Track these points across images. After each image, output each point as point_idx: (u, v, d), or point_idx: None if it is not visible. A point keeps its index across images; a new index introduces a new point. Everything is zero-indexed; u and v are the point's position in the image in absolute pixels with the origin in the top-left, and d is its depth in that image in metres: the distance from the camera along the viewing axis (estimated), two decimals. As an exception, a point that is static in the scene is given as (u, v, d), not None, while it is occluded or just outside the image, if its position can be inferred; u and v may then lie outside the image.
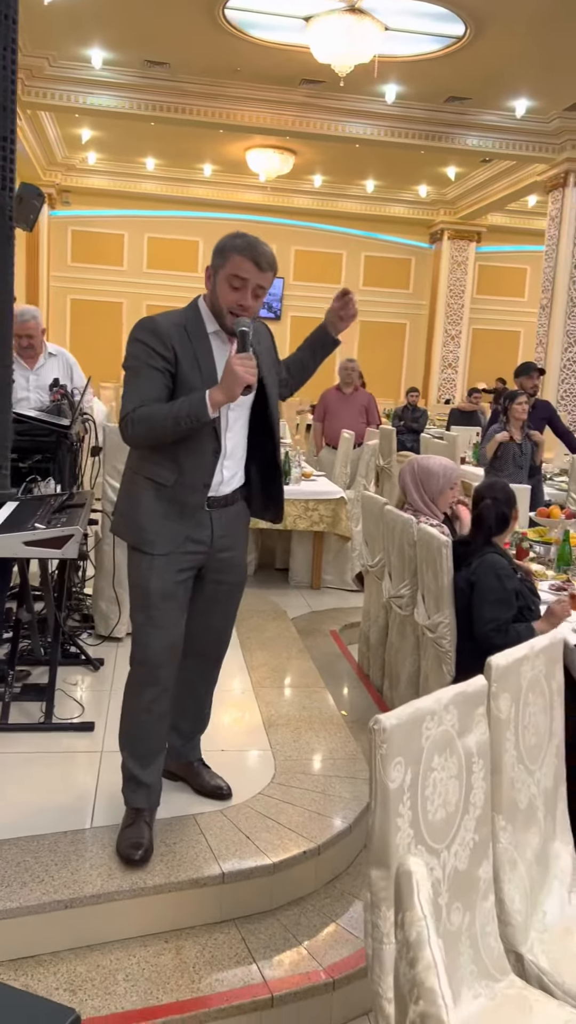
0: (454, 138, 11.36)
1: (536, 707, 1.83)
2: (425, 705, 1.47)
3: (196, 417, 2.15)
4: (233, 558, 2.46)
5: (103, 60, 9.85)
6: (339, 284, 16.21)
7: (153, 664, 2.35)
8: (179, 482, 2.30)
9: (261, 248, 2.24)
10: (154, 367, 2.22)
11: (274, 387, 2.43)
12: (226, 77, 10.24)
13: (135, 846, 2.28)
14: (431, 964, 0.81)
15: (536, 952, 1.70)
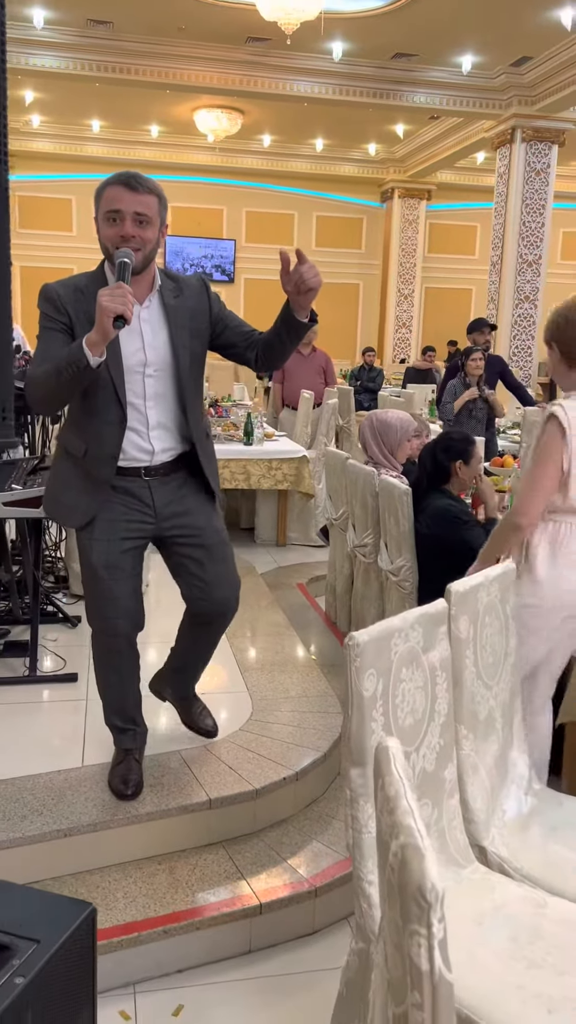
0: (402, 95, 11.40)
1: (492, 629, 2.01)
2: (394, 624, 1.64)
3: (74, 362, 2.00)
4: (192, 522, 2.39)
5: (44, 19, 9.70)
6: (291, 246, 16.20)
7: (110, 633, 2.40)
8: (88, 453, 2.26)
9: (132, 173, 2.14)
10: (53, 329, 2.18)
11: (187, 348, 2.28)
12: (171, 36, 10.15)
13: (125, 781, 2.42)
14: (408, 810, 0.98)
15: (497, 844, 1.90)
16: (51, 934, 1.40)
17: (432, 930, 0.86)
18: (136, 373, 2.23)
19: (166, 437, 2.32)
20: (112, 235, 2.13)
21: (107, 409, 2.21)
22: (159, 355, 2.25)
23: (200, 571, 2.42)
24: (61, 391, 2.11)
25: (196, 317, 2.31)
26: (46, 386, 2.10)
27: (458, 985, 1.44)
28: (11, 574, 3.47)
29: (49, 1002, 1.35)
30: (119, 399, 2.21)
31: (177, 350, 2.27)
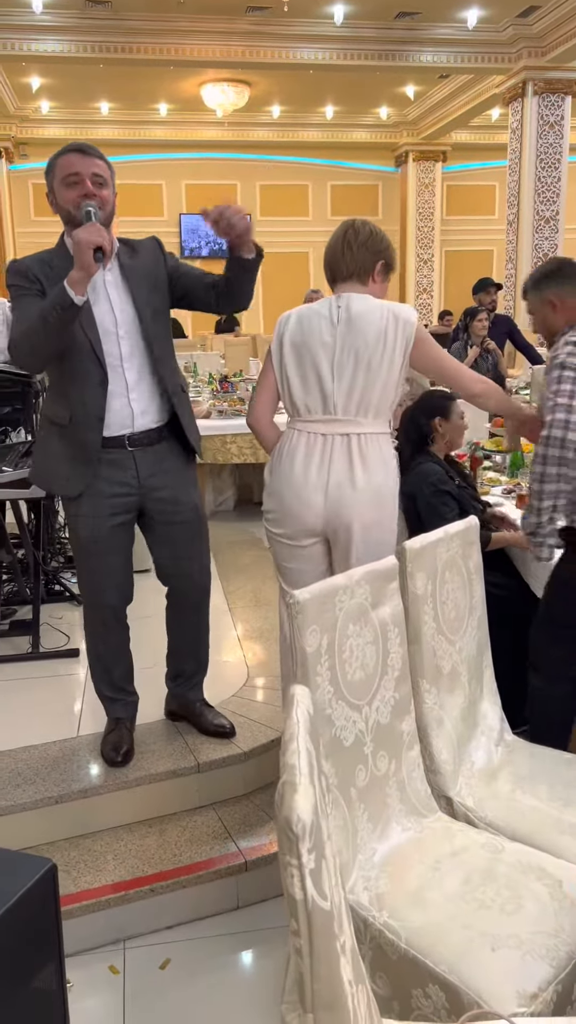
0: (408, 55, 11.18)
1: (453, 584, 2.03)
2: (337, 582, 1.67)
3: (58, 303, 2.06)
4: (174, 497, 2.41)
5: (43, 4, 9.66)
6: (307, 216, 16.10)
7: (100, 606, 2.46)
8: (74, 419, 2.29)
9: (82, 142, 2.26)
10: (27, 295, 2.22)
11: (148, 304, 2.32)
12: (171, 11, 10.05)
13: (116, 748, 2.49)
14: (295, 751, 1.01)
15: (463, 795, 1.93)
16: (9, 889, 1.46)
17: (302, 860, 0.89)
18: (110, 334, 2.28)
19: (144, 398, 2.34)
20: (73, 196, 2.21)
21: (88, 372, 2.26)
22: (127, 316, 2.30)
23: (173, 545, 2.47)
24: (48, 339, 2.13)
25: (153, 273, 2.37)
26: (33, 337, 2.13)
27: (404, 926, 1.50)
28: (13, 555, 3.55)
29: (7, 955, 1.42)
30: (99, 360, 2.25)
31: (140, 308, 2.31)
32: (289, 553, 2.41)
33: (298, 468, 2.30)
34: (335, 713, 1.63)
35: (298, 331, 2.32)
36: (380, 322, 2.26)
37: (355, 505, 2.27)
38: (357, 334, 2.26)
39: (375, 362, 2.25)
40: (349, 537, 2.29)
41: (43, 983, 1.55)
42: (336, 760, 1.63)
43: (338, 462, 2.28)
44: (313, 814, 0.92)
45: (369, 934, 1.56)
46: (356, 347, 2.26)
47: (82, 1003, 1.96)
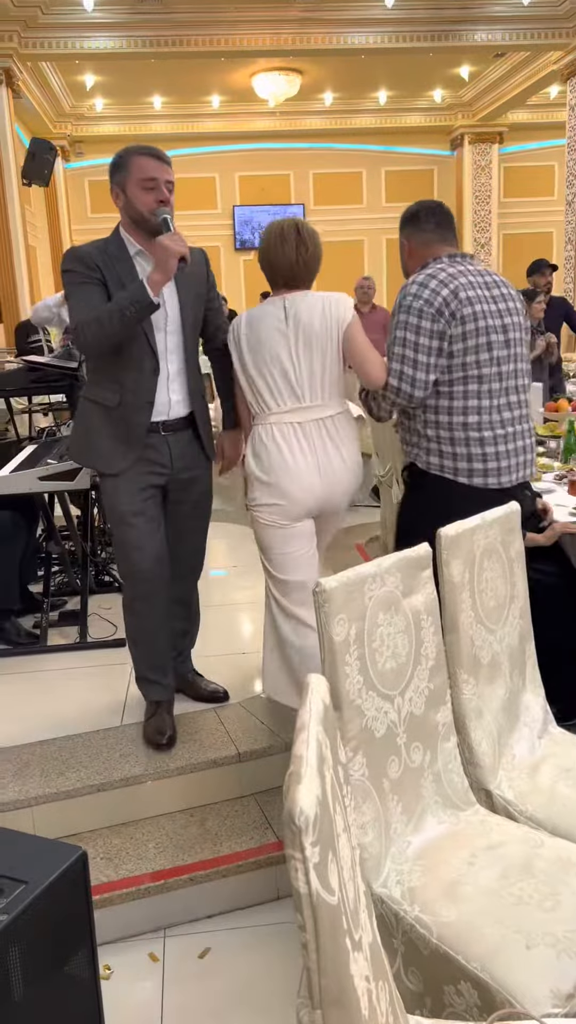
0: (462, 35, 10.97)
1: (493, 572, 1.97)
2: (366, 570, 1.63)
3: (138, 301, 2.21)
4: (195, 477, 2.58)
5: (95, 1, 9.75)
6: (361, 204, 15.95)
7: (141, 578, 2.51)
8: (123, 402, 2.41)
9: (154, 147, 2.38)
10: (88, 283, 2.32)
11: (192, 312, 2.49)
12: (220, 2, 10.04)
13: (160, 732, 2.53)
14: (304, 741, 0.99)
15: (503, 788, 1.88)
16: (39, 876, 1.48)
17: (305, 853, 0.87)
18: (160, 329, 2.42)
19: (179, 389, 2.50)
20: (150, 201, 2.32)
21: (142, 360, 2.39)
22: (174, 313, 2.45)
23: (181, 522, 2.61)
24: (121, 331, 2.27)
25: (198, 283, 2.53)
26: (108, 327, 2.25)
27: (436, 921, 1.46)
28: (62, 546, 3.60)
29: (37, 941, 1.43)
30: (153, 350, 2.40)
31: (184, 309, 2.48)
32: (284, 538, 2.47)
33: (287, 457, 2.40)
34: (365, 703, 1.60)
35: (251, 332, 2.44)
36: (322, 310, 2.40)
37: (345, 478, 2.48)
38: (307, 324, 2.39)
39: (326, 347, 2.40)
40: (338, 508, 2.53)
41: (75, 969, 1.56)
42: (367, 751, 1.60)
43: (320, 445, 2.43)
44: (317, 807, 0.89)
45: (401, 928, 1.53)
46: (308, 336, 2.39)
47: (121, 989, 1.97)
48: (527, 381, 2.46)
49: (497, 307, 2.35)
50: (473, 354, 2.30)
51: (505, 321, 2.35)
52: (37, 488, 3.04)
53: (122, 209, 2.38)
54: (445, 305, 2.27)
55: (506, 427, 2.36)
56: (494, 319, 2.33)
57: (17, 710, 2.84)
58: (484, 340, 2.31)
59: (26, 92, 11.69)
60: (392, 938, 1.55)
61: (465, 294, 2.29)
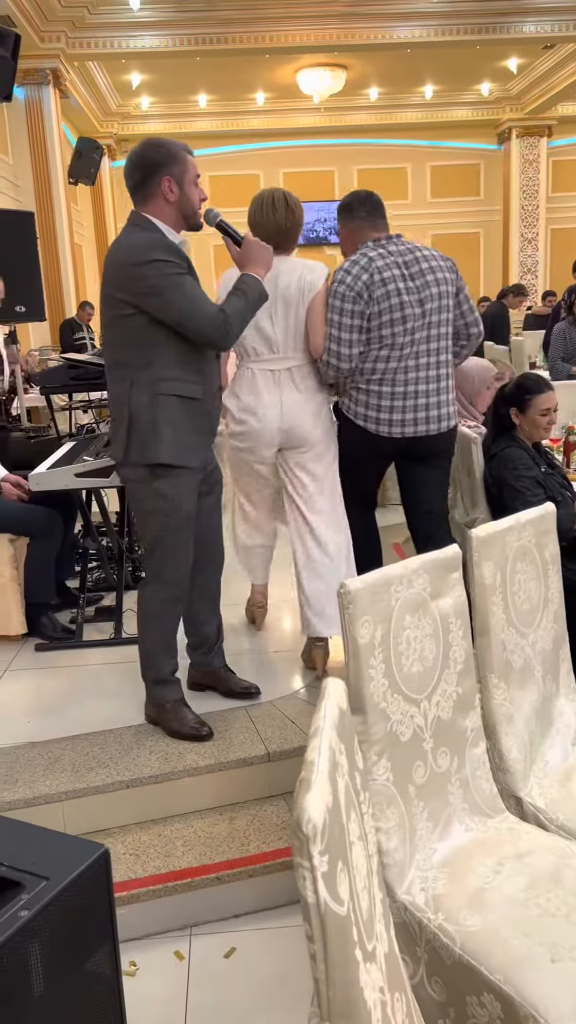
0: (510, 27, 10.82)
1: (526, 575, 1.93)
2: (393, 571, 1.61)
3: (262, 296, 2.39)
4: (217, 467, 2.64)
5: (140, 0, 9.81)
6: (406, 200, 15.82)
7: (181, 581, 2.53)
8: (206, 392, 2.42)
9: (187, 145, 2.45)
10: (186, 274, 2.32)
11: None
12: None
13: (199, 722, 2.55)
14: (317, 746, 0.97)
15: (534, 795, 1.84)
16: (61, 872, 1.48)
17: (313, 862, 0.85)
18: None
19: (218, 378, 2.56)
20: (199, 197, 2.41)
21: (209, 347, 2.42)
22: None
23: (207, 515, 2.62)
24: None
25: None
26: (245, 321, 2.38)
27: (459, 930, 1.44)
28: (98, 543, 3.62)
29: (58, 937, 1.43)
30: None
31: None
32: (249, 466, 2.95)
33: (261, 396, 2.81)
34: (390, 707, 1.57)
35: None
36: (299, 275, 2.78)
37: (304, 418, 2.82)
38: (285, 288, 2.76)
39: (299, 308, 2.78)
40: (302, 443, 2.84)
41: (97, 966, 1.56)
42: (392, 755, 1.57)
43: (286, 386, 2.82)
44: (327, 815, 0.88)
45: (424, 936, 1.50)
46: (286, 298, 2.77)
47: (146, 986, 1.97)
48: (444, 343, 2.88)
49: (415, 283, 2.80)
50: (388, 327, 2.78)
51: (422, 294, 2.80)
52: (73, 485, 3.06)
53: (174, 202, 2.35)
54: (365, 288, 2.75)
55: (408, 386, 2.83)
56: (410, 294, 2.78)
57: (50, 704, 2.86)
58: (399, 314, 2.77)
59: (73, 92, 11.81)
60: (415, 946, 1.52)
61: (380, 276, 2.76)
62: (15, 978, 1.34)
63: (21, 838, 1.59)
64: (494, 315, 8.37)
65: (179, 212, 2.37)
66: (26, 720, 2.74)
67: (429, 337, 2.83)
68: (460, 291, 2.95)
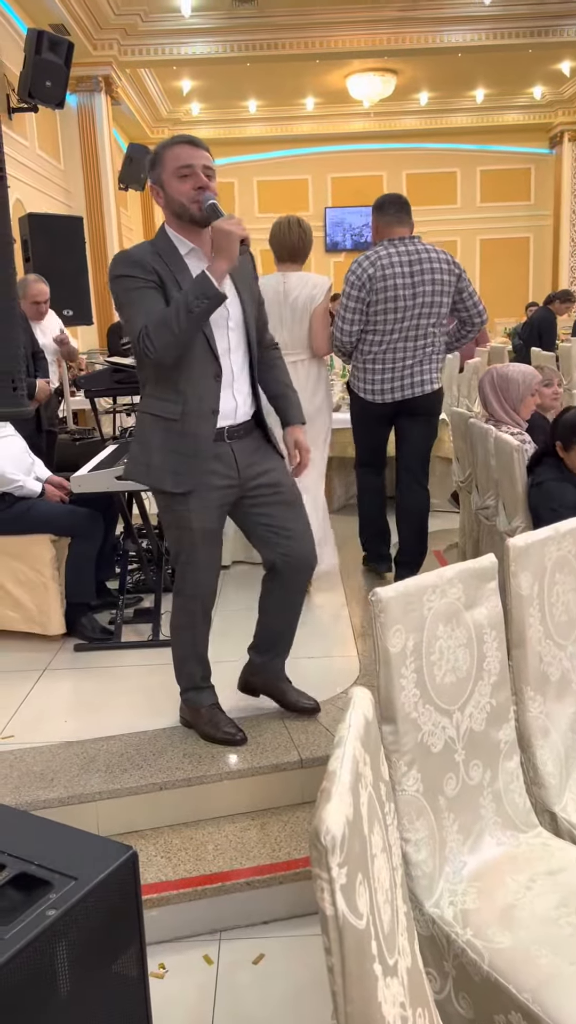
0: (563, 30, 10.71)
1: (565, 586, 1.90)
2: (427, 580, 1.59)
3: (204, 294, 2.10)
4: (271, 479, 2.44)
5: (192, 7, 9.90)
6: (455, 204, 15.72)
7: (202, 596, 2.48)
8: (186, 412, 2.27)
9: (187, 135, 2.29)
10: (146, 287, 2.20)
11: (251, 304, 2.39)
12: (314, 4, 10.07)
13: (234, 726, 2.54)
14: (339, 756, 0.96)
15: (570, 810, 1.81)
16: (89, 873, 1.49)
17: (332, 874, 0.85)
18: (220, 328, 2.30)
19: (244, 390, 2.39)
20: (187, 189, 2.22)
21: (203, 364, 2.27)
22: (236, 309, 2.35)
23: (284, 524, 2.47)
24: (190, 329, 2.16)
25: (249, 280, 2.44)
26: (175, 327, 2.13)
27: (488, 947, 1.42)
28: (138, 545, 3.65)
29: (85, 937, 1.44)
30: (213, 353, 2.28)
31: (245, 304, 2.38)
32: None
33: None
34: (421, 717, 1.56)
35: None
36: (307, 289, 3.61)
37: (303, 395, 3.00)
38: (294, 298, 3.60)
39: (303, 316, 3.61)
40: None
41: (124, 967, 1.57)
42: (423, 766, 1.56)
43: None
44: (346, 827, 0.87)
45: (452, 952, 1.48)
46: (293, 307, 3.61)
47: (174, 989, 1.98)
48: (432, 328, 3.58)
49: (412, 279, 3.49)
50: (382, 314, 3.53)
51: (417, 290, 3.49)
52: (113, 487, 3.09)
53: (164, 206, 2.28)
54: (368, 280, 3.49)
55: (395, 363, 3.61)
56: (405, 289, 3.49)
57: (88, 704, 2.89)
58: (392, 304, 3.50)
59: (124, 98, 11.97)
60: (443, 961, 1.50)
61: (383, 271, 3.48)
62: (41, 977, 1.35)
63: (52, 837, 1.60)
64: (540, 320, 8.27)
65: (172, 213, 2.27)
66: (63, 720, 2.77)
67: (419, 325, 3.56)
68: (463, 289, 3.59)
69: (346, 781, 0.93)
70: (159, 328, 2.15)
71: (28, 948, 1.32)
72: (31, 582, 3.33)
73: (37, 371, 4.45)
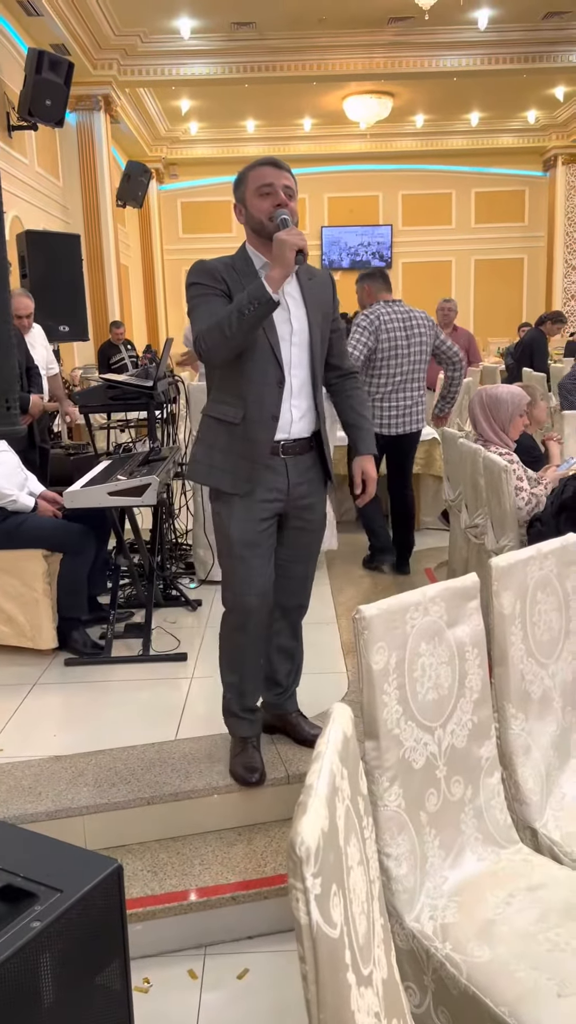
0: (557, 56, 10.88)
1: (547, 605, 1.93)
2: (409, 598, 1.62)
3: (256, 298, 2.15)
4: (311, 504, 2.47)
5: (191, 29, 10.04)
6: (450, 224, 15.89)
7: (242, 610, 2.42)
8: (247, 417, 2.31)
9: (274, 157, 2.36)
10: (213, 294, 2.28)
11: (319, 331, 2.41)
12: (313, 28, 10.22)
13: (250, 769, 2.45)
14: (318, 770, 0.99)
15: (550, 827, 1.83)
16: (74, 885, 1.51)
17: (306, 884, 0.87)
18: (284, 340, 2.34)
19: (302, 406, 2.39)
20: (267, 207, 2.28)
21: (266, 371, 2.31)
22: (301, 325, 2.37)
23: (295, 549, 2.51)
24: (241, 333, 2.20)
25: (324, 303, 2.46)
26: (227, 329, 2.19)
27: (466, 961, 1.44)
28: (129, 559, 3.68)
29: (68, 950, 1.46)
30: (278, 361, 2.32)
31: (312, 325, 2.39)
32: None
33: None
34: (404, 734, 1.58)
35: None
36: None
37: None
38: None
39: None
40: None
41: (107, 980, 1.58)
42: (404, 782, 1.58)
43: None
44: (321, 838, 0.89)
45: (431, 966, 1.50)
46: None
47: (158, 1004, 1.99)
48: (420, 375, 4.33)
49: (406, 333, 4.23)
50: (386, 362, 4.21)
51: (411, 341, 4.24)
52: (106, 503, 3.11)
53: (245, 223, 2.35)
54: (374, 331, 4.18)
55: (397, 402, 4.30)
56: (401, 341, 4.22)
57: (77, 719, 2.91)
58: (392, 353, 4.21)
59: (123, 117, 12.09)
60: (423, 974, 1.52)
61: (385, 325, 4.20)
62: (25, 989, 1.37)
63: (38, 850, 1.62)
64: (531, 341, 8.35)
65: (251, 229, 2.34)
66: (53, 734, 2.79)
67: (412, 372, 4.28)
68: (437, 336, 4.39)
69: (322, 794, 0.95)
70: (212, 329, 2.21)
71: (12, 959, 1.33)
72: (23, 597, 3.35)
73: (31, 386, 4.48)
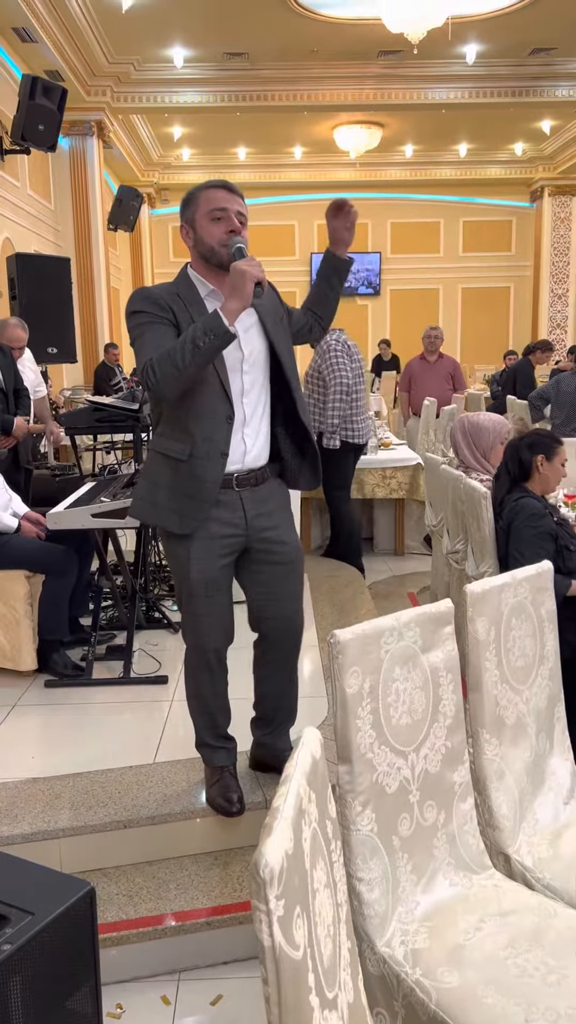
0: (543, 91, 11.08)
1: (521, 631, 1.95)
2: (384, 623, 1.64)
3: (212, 330, 2.03)
4: (278, 536, 2.37)
5: (184, 58, 10.17)
6: (438, 253, 16.07)
7: (204, 649, 2.37)
8: (194, 454, 2.21)
9: (224, 180, 2.27)
10: (159, 323, 2.17)
11: (285, 345, 2.34)
12: (304, 59, 10.37)
13: (228, 799, 2.39)
14: (284, 793, 1.00)
15: (522, 853, 1.84)
16: (46, 908, 1.51)
17: (269, 906, 0.88)
18: (234, 370, 2.25)
19: (255, 434, 2.31)
20: (219, 232, 2.20)
21: (215, 406, 2.22)
22: (253, 346, 2.28)
23: (274, 585, 2.40)
24: (195, 366, 2.09)
25: (277, 310, 2.38)
26: (183, 365, 2.07)
27: (436, 987, 1.44)
28: (112, 581, 3.68)
29: (39, 973, 1.46)
30: (226, 394, 2.22)
31: (270, 341, 2.31)
32: None
33: None
34: (377, 758, 1.60)
35: None
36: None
37: None
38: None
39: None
40: None
41: (78, 1005, 1.58)
42: (377, 806, 1.59)
43: None
44: (285, 860, 0.91)
45: (401, 991, 1.50)
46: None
47: (131, 1030, 1.97)
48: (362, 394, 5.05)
49: (353, 356, 4.96)
50: (355, 384, 4.91)
51: (356, 364, 4.97)
52: (89, 524, 3.13)
53: (192, 247, 2.25)
54: (347, 355, 4.89)
55: (359, 418, 4.95)
56: (355, 363, 4.94)
57: (56, 741, 2.90)
58: (359, 373, 4.93)
59: (116, 143, 12.21)
60: (393, 1000, 1.52)
61: (349, 350, 4.91)
62: (-6, 1011, 1.36)
63: (11, 873, 1.62)
64: (518, 370, 8.45)
65: (200, 254, 2.24)
66: (31, 756, 2.78)
67: (359, 389, 5.00)
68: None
69: (288, 816, 0.97)
70: (163, 360, 2.10)
71: (-19, 982, 1.33)
72: (4, 617, 3.35)
73: (19, 408, 4.50)
